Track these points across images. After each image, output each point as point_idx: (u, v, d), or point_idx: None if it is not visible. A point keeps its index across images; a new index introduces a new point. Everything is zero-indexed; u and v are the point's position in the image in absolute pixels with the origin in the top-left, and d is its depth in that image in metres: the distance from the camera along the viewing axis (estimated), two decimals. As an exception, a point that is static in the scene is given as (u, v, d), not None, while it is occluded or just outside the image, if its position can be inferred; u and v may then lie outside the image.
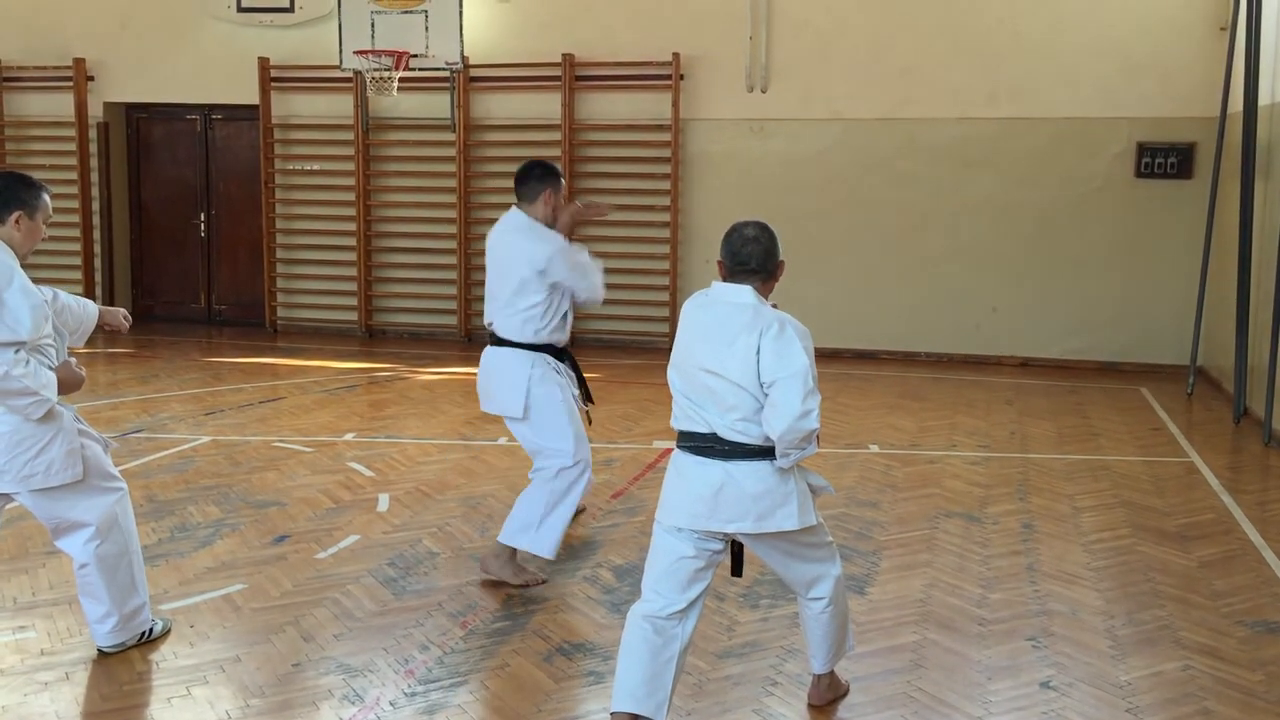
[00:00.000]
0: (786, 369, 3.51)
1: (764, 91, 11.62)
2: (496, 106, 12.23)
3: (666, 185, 11.76)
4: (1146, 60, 10.77)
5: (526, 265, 5.13)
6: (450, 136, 12.20)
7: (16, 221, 4.15)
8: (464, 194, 12.25)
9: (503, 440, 7.79)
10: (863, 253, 11.54)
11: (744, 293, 3.64)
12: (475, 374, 5.46)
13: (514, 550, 5.26)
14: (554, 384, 5.22)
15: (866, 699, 4.17)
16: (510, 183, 5.39)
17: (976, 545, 5.89)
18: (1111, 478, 7.24)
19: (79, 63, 12.90)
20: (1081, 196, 11.05)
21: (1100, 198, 11.02)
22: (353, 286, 12.78)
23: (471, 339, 12.31)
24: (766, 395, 3.54)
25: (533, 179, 5.23)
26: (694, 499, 3.65)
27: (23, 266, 4.12)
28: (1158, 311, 10.96)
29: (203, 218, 13.43)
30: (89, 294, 13.13)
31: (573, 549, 5.73)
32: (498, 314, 5.27)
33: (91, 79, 13.04)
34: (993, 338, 11.42)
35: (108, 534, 4.33)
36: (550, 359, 5.25)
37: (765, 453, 3.61)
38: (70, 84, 12.95)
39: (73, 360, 4.33)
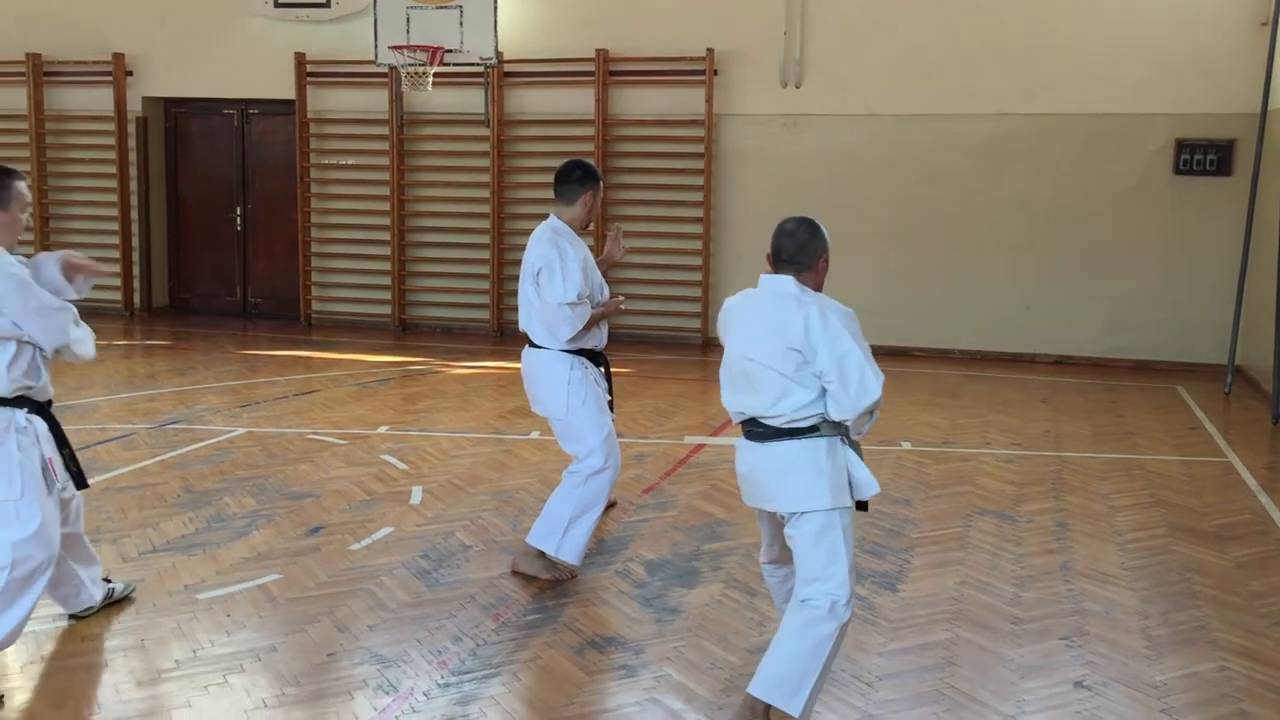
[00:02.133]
0: (832, 354, 3.64)
1: (798, 87, 11.59)
2: (531, 101, 12.27)
3: (700, 180, 11.75)
4: (1185, 56, 10.65)
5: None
6: (484, 131, 12.24)
7: None
8: (498, 189, 12.29)
9: (535, 434, 7.82)
10: (896, 249, 11.49)
11: (785, 282, 3.82)
12: (508, 368, 5.49)
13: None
14: (590, 386, 5.23)
15: (898, 695, 4.16)
16: (544, 178, 5.37)
17: (1010, 543, 5.86)
18: (1147, 477, 7.18)
19: (118, 58, 13.06)
20: (1119, 194, 10.95)
21: (1138, 195, 10.91)
22: (387, 281, 12.85)
23: (504, 334, 12.35)
24: (820, 379, 3.68)
25: (573, 181, 5.19)
26: (739, 479, 3.96)
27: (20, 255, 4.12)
28: (1195, 310, 10.84)
29: (239, 212, 13.54)
30: (127, 288, 13.30)
31: (604, 543, 5.76)
32: (530, 320, 5.28)
33: (130, 74, 13.19)
34: (1028, 335, 11.34)
35: None
36: (587, 362, 5.27)
37: (798, 433, 3.74)
38: (109, 79, 13.10)
39: None
